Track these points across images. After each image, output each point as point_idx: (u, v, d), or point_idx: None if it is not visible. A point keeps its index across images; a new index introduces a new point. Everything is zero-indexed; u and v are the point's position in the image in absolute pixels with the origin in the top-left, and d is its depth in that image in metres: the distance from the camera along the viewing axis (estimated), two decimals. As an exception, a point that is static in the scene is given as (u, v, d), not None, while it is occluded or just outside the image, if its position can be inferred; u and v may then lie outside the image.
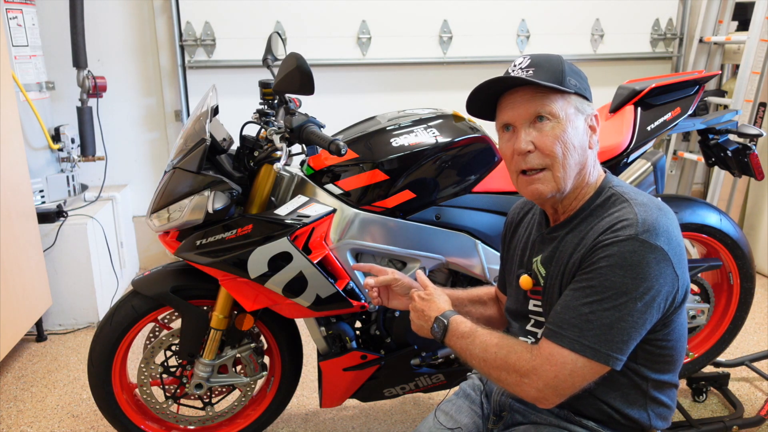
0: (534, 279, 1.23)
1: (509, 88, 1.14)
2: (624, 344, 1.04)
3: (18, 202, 2.51)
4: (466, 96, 1.17)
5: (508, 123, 1.15)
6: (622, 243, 1.04)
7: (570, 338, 1.05)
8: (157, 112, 3.55)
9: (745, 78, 3.25)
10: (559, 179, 1.12)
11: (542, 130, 1.11)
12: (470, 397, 1.33)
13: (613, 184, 1.18)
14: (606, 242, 1.06)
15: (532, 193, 1.15)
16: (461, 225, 1.77)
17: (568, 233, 1.17)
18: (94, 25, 3.28)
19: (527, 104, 1.12)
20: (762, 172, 2.04)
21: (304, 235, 1.62)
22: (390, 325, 1.81)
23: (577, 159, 1.13)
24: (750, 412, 2.11)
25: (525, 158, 1.13)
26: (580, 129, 1.14)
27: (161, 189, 1.68)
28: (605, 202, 1.15)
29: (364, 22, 3.49)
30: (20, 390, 2.42)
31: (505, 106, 1.15)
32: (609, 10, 3.66)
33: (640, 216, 1.06)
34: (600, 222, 1.11)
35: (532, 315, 1.26)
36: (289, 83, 1.54)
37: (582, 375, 1.05)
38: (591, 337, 1.04)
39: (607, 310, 1.04)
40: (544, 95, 1.11)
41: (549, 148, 1.11)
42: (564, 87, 1.11)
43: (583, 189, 1.17)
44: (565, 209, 1.19)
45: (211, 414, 1.92)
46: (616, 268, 1.03)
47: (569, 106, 1.12)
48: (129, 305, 1.77)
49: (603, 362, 1.04)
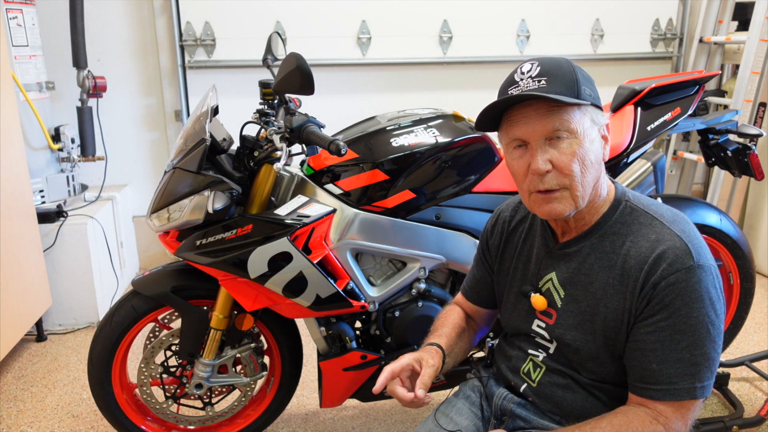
0: (548, 299, 1.18)
1: (522, 100, 1.06)
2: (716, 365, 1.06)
3: (18, 202, 2.51)
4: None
5: (521, 139, 1.07)
6: (688, 275, 1.02)
7: (687, 389, 1.03)
8: (157, 112, 3.55)
9: (745, 78, 3.25)
10: (578, 198, 1.07)
11: (559, 147, 1.05)
12: (470, 398, 1.32)
13: (628, 197, 1.15)
14: (670, 279, 1.02)
15: (548, 213, 1.09)
16: (461, 225, 1.77)
17: (588, 253, 1.13)
18: (94, 25, 3.28)
19: (543, 120, 1.04)
20: (762, 172, 2.04)
21: (304, 235, 1.62)
22: (390, 325, 1.81)
23: (594, 175, 1.08)
24: (750, 412, 2.11)
25: (542, 178, 1.06)
26: (596, 142, 1.08)
27: (161, 189, 1.68)
28: (628, 220, 1.11)
29: (364, 22, 3.49)
30: (20, 390, 2.42)
31: (516, 120, 1.07)
32: (609, 10, 3.66)
33: (684, 238, 1.05)
34: (634, 246, 1.08)
35: (534, 335, 1.22)
36: (289, 83, 1.53)
37: (698, 411, 1.06)
38: (702, 376, 1.03)
39: (704, 345, 1.03)
40: (561, 109, 1.04)
41: (568, 168, 1.05)
42: (581, 100, 1.04)
43: (597, 202, 1.13)
44: (577, 224, 1.15)
45: (211, 414, 1.92)
46: (693, 303, 1.02)
47: (585, 119, 1.06)
48: (129, 305, 1.77)
49: (710, 391, 1.05)
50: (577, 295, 1.13)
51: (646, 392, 1.05)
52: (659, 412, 1.04)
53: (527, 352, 1.24)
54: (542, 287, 1.20)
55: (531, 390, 1.21)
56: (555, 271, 1.17)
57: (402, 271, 1.77)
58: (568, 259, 1.16)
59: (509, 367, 1.27)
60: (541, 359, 1.21)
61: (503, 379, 1.29)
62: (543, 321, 1.20)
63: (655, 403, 1.04)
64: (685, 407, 1.04)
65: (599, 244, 1.12)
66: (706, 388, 1.04)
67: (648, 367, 1.05)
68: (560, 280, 1.16)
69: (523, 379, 1.23)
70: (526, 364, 1.24)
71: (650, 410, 1.05)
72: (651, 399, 1.05)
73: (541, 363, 1.21)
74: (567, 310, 1.15)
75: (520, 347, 1.26)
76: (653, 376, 1.04)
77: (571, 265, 1.15)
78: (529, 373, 1.23)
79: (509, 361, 1.28)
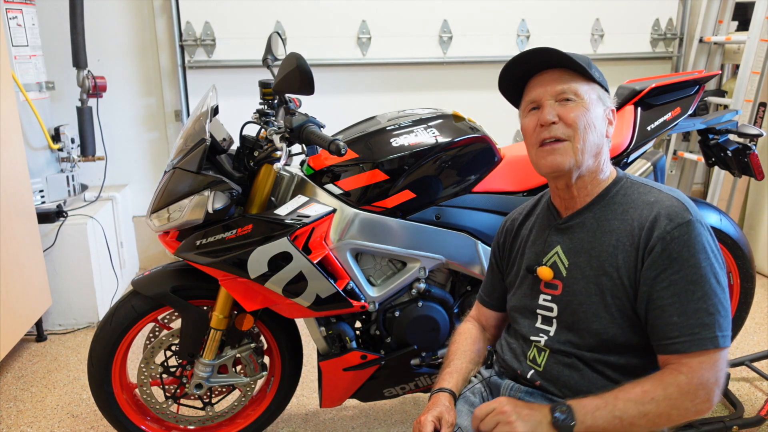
0: (554, 270, 1.23)
1: (540, 69, 1.20)
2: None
3: (18, 202, 2.51)
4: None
5: (535, 101, 1.20)
6: (689, 228, 1.09)
7: (710, 338, 1.07)
8: (157, 112, 3.55)
9: (745, 78, 3.25)
10: (578, 151, 1.16)
11: (566, 106, 1.17)
12: (469, 400, 1.32)
13: (628, 176, 1.24)
14: (673, 233, 1.09)
15: (551, 164, 1.18)
16: (461, 225, 1.77)
17: (591, 222, 1.20)
18: (94, 25, 3.28)
19: (555, 83, 1.18)
20: (762, 172, 2.03)
21: (304, 235, 1.61)
22: (390, 325, 1.81)
23: (595, 139, 1.18)
24: (750, 412, 2.11)
25: (548, 129, 1.17)
26: (600, 115, 1.19)
27: (161, 189, 1.68)
28: (629, 191, 1.20)
29: (364, 22, 3.49)
30: (20, 390, 2.42)
31: (534, 86, 1.21)
32: (609, 10, 3.66)
33: (680, 198, 1.14)
34: (635, 209, 1.16)
35: (540, 310, 1.26)
36: (289, 83, 1.53)
37: (725, 362, 1.09)
38: (722, 326, 1.08)
39: (717, 294, 1.08)
40: (572, 77, 1.18)
41: (572, 119, 1.16)
42: (591, 73, 1.18)
43: (599, 175, 1.22)
44: (579, 193, 1.22)
45: (211, 414, 1.92)
46: (698, 254, 1.08)
47: (593, 92, 1.19)
48: (129, 305, 1.77)
49: (731, 341, 1.09)
50: (581, 262, 1.20)
51: (672, 347, 1.09)
52: (688, 365, 1.07)
53: (530, 340, 1.26)
54: (548, 262, 1.26)
55: (538, 374, 1.24)
56: (560, 245, 1.24)
57: (402, 271, 1.77)
58: (572, 231, 1.23)
59: (515, 356, 1.29)
60: (543, 343, 1.24)
61: (508, 370, 1.31)
62: (548, 294, 1.25)
63: (681, 357, 1.08)
64: (712, 357, 1.07)
65: (601, 213, 1.20)
66: (727, 338, 1.08)
67: (669, 321, 1.09)
68: (565, 251, 1.23)
69: (529, 366, 1.26)
70: (531, 350, 1.26)
71: (678, 365, 1.08)
72: (677, 353, 1.08)
73: (544, 346, 1.24)
74: (572, 277, 1.20)
75: (524, 336, 1.28)
76: (676, 329, 1.08)
77: (575, 236, 1.23)
78: (534, 359, 1.25)
79: (514, 352, 1.30)
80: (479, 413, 1.12)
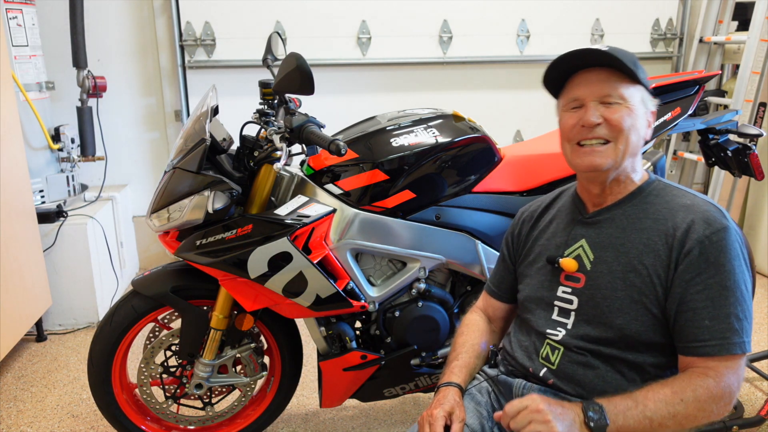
0: (579, 262, 1.23)
1: (587, 66, 1.18)
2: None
3: (18, 202, 2.51)
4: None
5: (578, 99, 1.19)
6: (726, 234, 1.11)
7: (738, 343, 1.08)
8: (157, 112, 3.55)
9: (745, 78, 3.25)
10: (620, 153, 1.17)
11: (611, 108, 1.16)
12: (476, 398, 1.31)
13: (660, 178, 1.25)
14: (712, 237, 1.10)
15: (589, 164, 1.18)
16: (461, 225, 1.77)
17: (621, 218, 1.21)
18: (94, 25, 3.28)
19: (601, 84, 1.17)
20: (762, 172, 2.03)
21: (304, 235, 1.61)
22: (390, 325, 1.81)
23: (636, 141, 1.18)
24: (750, 412, 2.11)
25: (591, 130, 1.17)
26: (642, 119, 1.19)
27: (161, 189, 1.68)
28: (661, 192, 1.21)
29: (364, 22, 3.49)
30: (20, 390, 2.42)
31: (578, 83, 1.19)
32: (609, 10, 3.66)
33: (715, 204, 1.16)
34: (669, 210, 1.17)
35: (558, 302, 1.25)
36: (289, 83, 1.53)
37: (744, 367, 1.11)
38: (748, 331, 1.10)
39: (746, 301, 1.10)
40: (618, 79, 1.16)
41: (617, 121, 1.15)
42: (638, 76, 1.17)
43: (633, 175, 1.22)
44: (612, 191, 1.23)
45: (211, 414, 1.92)
46: (734, 260, 1.10)
47: (637, 95, 1.18)
48: (129, 305, 1.77)
49: (750, 348, 1.11)
50: (608, 256, 1.20)
51: (701, 350, 1.10)
52: (710, 368, 1.09)
53: (544, 335, 1.25)
54: (571, 254, 1.25)
55: (551, 373, 1.22)
56: (585, 238, 1.24)
57: (402, 271, 1.77)
58: (599, 225, 1.23)
59: (527, 355, 1.28)
60: (558, 339, 1.22)
61: (519, 368, 1.30)
62: (569, 286, 1.24)
63: (707, 360, 1.09)
64: (736, 362, 1.09)
65: (631, 210, 1.21)
66: (749, 344, 1.10)
67: (701, 324, 1.10)
68: (590, 245, 1.23)
69: (542, 364, 1.24)
70: (543, 348, 1.25)
71: (706, 368, 1.09)
72: (704, 356, 1.09)
73: (558, 344, 1.23)
74: (597, 271, 1.20)
75: (537, 330, 1.27)
76: (706, 332, 1.09)
77: (602, 231, 1.22)
78: (547, 357, 1.24)
79: (525, 350, 1.29)
80: (510, 410, 1.09)
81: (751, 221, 3.52)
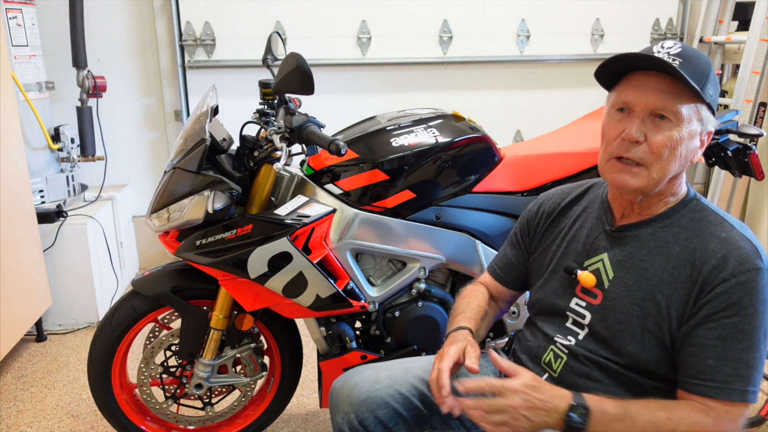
0: (597, 277, 1.17)
1: (649, 68, 1.07)
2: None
3: (18, 202, 2.51)
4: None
5: (628, 104, 1.08)
6: (757, 276, 1.03)
7: (740, 391, 1.03)
8: (157, 112, 3.54)
9: (745, 78, 3.25)
10: (652, 181, 1.08)
11: (659, 126, 1.06)
12: (484, 370, 1.30)
13: (699, 198, 1.15)
14: (740, 277, 1.03)
15: (617, 182, 1.10)
16: (461, 225, 1.77)
17: (648, 239, 1.13)
18: (94, 25, 3.28)
19: (658, 94, 1.05)
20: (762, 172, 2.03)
21: (304, 235, 1.61)
22: (390, 325, 1.81)
23: (677, 168, 1.09)
24: (750, 412, 2.11)
25: (629, 147, 1.07)
26: (695, 141, 1.09)
27: (161, 189, 1.68)
28: (697, 216, 1.12)
29: (364, 22, 3.49)
30: (20, 390, 2.41)
31: (634, 85, 1.08)
32: (609, 10, 3.66)
33: (753, 241, 1.06)
34: (702, 240, 1.08)
35: (570, 313, 1.21)
36: (289, 83, 1.53)
37: (746, 416, 1.06)
38: (755, 381, 1.04)
39: (760, 349, 1.04)
40: (680, 93, 1.04)
41: (658, 147, 1.05)
42: (703, 94, 1.05)
43: (669, 197, 1.14)
44: (642, 210, 1.15)
45: (211, 414, 1.92)
46: (758, 305, 1.02)
47: (695, 115, 1.07)
48: (129, 305, 1.77)
49: (757, 399, 1.05)
50: (628, 279, 1.13)
51: (698, 388, 1.05)
52: (712, 409, 1.04)
53: (552, 339, 1.22)
54: (590, 266, 1.19)
55: (552, 380, 1.20)
56: (607, 253, 1.17)
57: (402, 271, 1.77)
58: (624, 242, 1.16)
59: (530, 356, 1.27)
60: (566, 346, 1.19)
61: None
62: (584, 300, 1.19)
63: (707, 400, 1.04)
64: (736, 409, 1.04)
65: (661, 233, 1.13)
66: (756, 394, 1.04)
67: (704, 363, 1.04)
68: (612, 262, 1.16)
69: (544, 369, 1.23)
70: (547, 354, 1.23)
71: (707, 407, 1.04)
72: (702, 396, 1.04)
73: (563, 352, 1.20)
74: (615, 293, 1.14)
75: (545, 334, 1.24)
76: (708, 373, 1.04)
77: (626, 249, 1.15)
78: (550, 363, 1.22)
79: (530, 351, 1.27)
80: (487, 400, 1.04)
81: (751, 221, 3.51)
